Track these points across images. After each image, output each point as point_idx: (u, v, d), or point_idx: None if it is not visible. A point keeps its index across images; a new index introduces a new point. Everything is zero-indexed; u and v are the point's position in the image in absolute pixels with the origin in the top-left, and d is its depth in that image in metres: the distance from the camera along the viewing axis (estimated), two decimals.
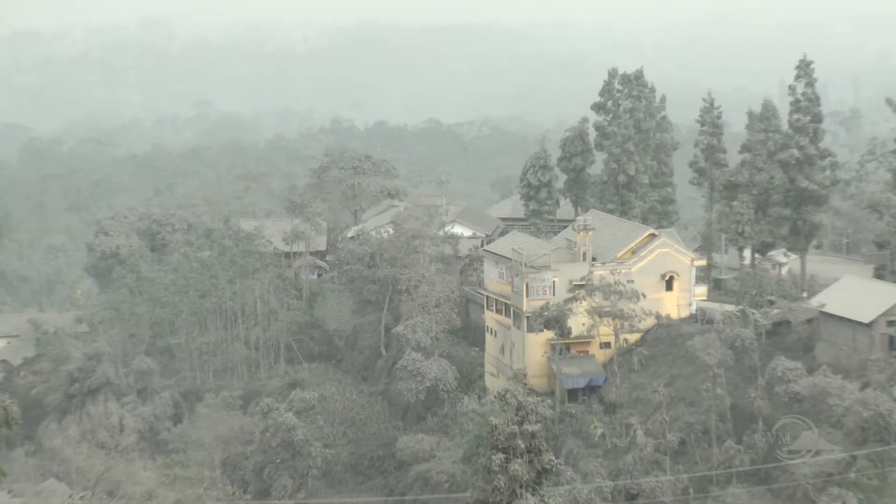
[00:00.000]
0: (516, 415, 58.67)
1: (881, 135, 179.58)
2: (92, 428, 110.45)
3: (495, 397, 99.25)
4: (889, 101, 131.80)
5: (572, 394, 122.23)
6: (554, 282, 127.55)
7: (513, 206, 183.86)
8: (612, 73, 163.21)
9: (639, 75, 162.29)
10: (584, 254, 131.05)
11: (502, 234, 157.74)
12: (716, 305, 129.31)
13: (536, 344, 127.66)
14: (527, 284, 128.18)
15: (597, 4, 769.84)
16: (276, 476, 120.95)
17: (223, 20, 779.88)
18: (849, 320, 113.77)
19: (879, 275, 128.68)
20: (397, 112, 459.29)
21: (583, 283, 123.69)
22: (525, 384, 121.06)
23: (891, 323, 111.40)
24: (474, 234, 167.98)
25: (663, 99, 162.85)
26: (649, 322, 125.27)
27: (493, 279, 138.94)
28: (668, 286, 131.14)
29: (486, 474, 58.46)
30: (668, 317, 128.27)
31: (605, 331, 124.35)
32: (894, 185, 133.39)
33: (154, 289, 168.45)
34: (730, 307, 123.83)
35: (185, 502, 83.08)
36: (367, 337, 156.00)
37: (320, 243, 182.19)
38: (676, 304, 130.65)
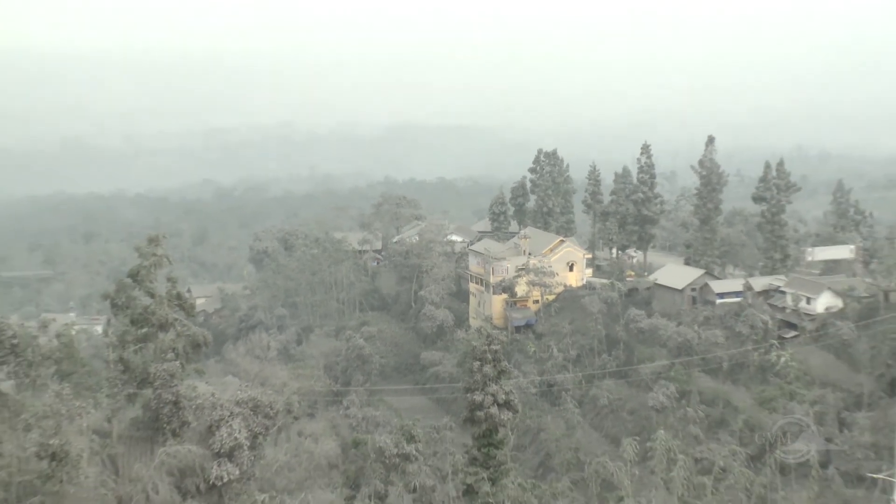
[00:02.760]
0: (486, 340, 58.61)
1: (688, 186, 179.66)
2: (252, 347, 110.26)
3: (475, 331, 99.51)
4: (692, 167, 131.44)
5: (517, 329, 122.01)
6: (507, 266, 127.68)
7: (485, 224, 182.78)
8: (539, 151, 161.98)
9: (554, 153, 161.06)
10: (525, 251, 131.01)
11: (479, 240, 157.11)
12: (597, 280, 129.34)
13: (497, 301, 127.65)
14: (493, 268, 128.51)
15: (531, 115, 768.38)
16: (353, 374, 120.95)
17: (324, 121, 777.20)
18: (670, 287, 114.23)
19: (687, 263, 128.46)
20: (421, 172, 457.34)
21: (523, 267, 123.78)
22: (491, 323, 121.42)
23: (693, 289, 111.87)
24: (463, 240, 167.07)
25: (567, 165, 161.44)
26: (560, 289, 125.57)
27: (474, 265, 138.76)
28: (571, 269, 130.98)
29: (470, 373, 58.38)
30: (570, 286, 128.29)
31: (536, 294, 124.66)
32: (695, 213, 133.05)
33: (286, 270, 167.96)
34: (605, 281, 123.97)
35: (303, 388, 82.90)
36: (404, 297, 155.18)
37: (378, 245, 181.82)
38: (575, 280, 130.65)
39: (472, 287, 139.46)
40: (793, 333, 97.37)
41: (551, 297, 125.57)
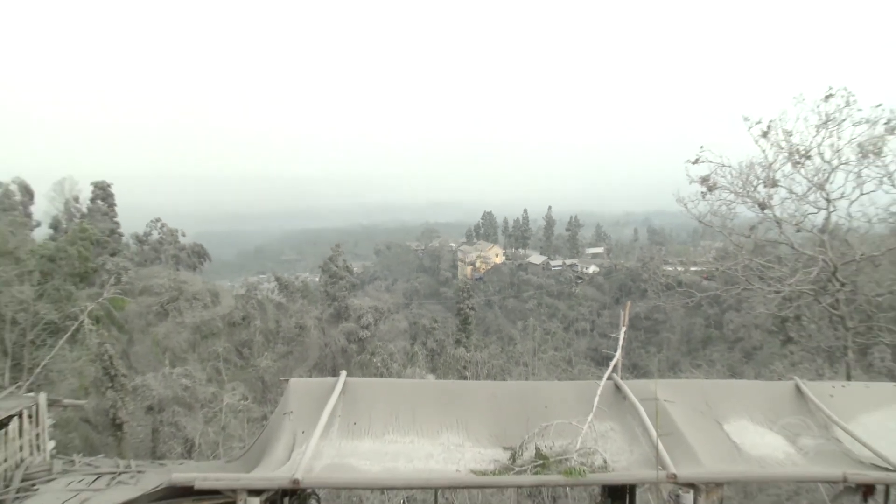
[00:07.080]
0: (464, 284, 57.64)
1: (541, 226, 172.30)
2: (375, 287, 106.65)
3: (461, 280, 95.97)
4: (541, 220, 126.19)
5: (476, 280, 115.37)
6: (473, 256, 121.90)
7: (465, 240, 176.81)
8: (484, 212, 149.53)
9: (490, 213, 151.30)
10: (479, 250, 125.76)
11: (461, 246, 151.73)
12: (507, 261, 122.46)
13: (469, 269, 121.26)
14: (466, 256, 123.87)
15: (486, 195, 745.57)
16: (413, 297, 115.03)
17: (401, 200, 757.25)
18: (534, 263, 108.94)
19: (541, 254, 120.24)
20: (440, 220, 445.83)
21: (479, 256, 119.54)
22: (466, 278, 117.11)
23: (543, 265, 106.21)
24: (456, 246, 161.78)
25: (495, 219, 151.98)
26: (493, 265, 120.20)
27: (460, 255, 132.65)
28: (497, 257, 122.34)
29: (459, 296, 57.20)
30: (497, 263, 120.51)
31: (484, 266, 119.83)
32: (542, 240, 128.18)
33: (388, 258, 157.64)
34: (510, 261, 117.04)
35: (395, 302, 75.48)
36: (434, 268, 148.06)
37: (423, 248, 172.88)
38: (499, 261, 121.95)
39: (459, 264, 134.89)
40: (581, 281, 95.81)
41: (489, 268, 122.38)
